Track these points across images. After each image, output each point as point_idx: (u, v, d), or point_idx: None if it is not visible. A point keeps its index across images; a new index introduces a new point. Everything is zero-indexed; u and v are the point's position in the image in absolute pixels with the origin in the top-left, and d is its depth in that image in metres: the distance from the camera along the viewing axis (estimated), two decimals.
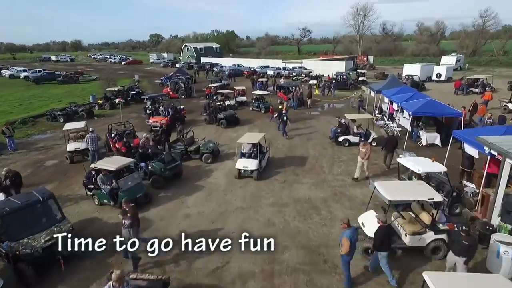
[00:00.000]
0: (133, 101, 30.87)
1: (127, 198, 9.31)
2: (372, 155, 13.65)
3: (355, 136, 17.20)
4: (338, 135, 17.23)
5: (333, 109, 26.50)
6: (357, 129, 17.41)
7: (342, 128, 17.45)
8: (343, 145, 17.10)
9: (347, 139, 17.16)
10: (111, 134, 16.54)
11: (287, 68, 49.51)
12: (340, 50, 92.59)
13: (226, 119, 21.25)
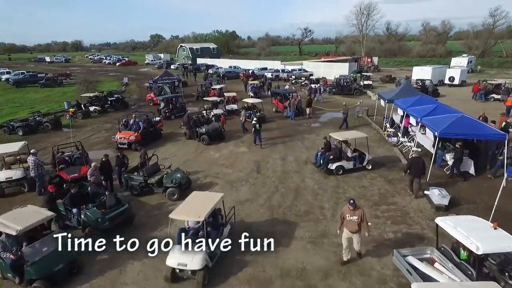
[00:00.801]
0: (112, 108, 27.28)
1: (38, 275, 5.82)
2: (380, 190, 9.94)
3: (349, 161, 13.59)
4: (330, 161, 13.40)
5: (337, 120, 22.76)
6: (351, 152, 13.85)
7: (333, 152, 13.66)
8: (335, 173, 13.32)
9: (341, 166, 13.41)
10: (55, 160, 12.89)
11: (286, 70, 45.75)
12: (343, 50, 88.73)
13: (209, 134, 17.60)
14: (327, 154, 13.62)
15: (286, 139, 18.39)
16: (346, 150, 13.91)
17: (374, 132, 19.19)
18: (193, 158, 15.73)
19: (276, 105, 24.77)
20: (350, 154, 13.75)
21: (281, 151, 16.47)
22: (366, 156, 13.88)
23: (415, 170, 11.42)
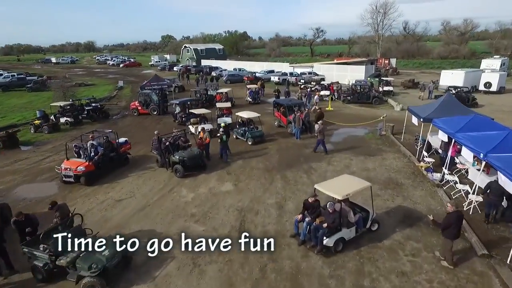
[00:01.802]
0: (89, 119, 23.13)
1: None
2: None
3: (350, 228, 8.48)
4: (324, 234, 8.01)
5: (355, 139, 17.92)
6: (353, 212, 8.75)
7: (329, 218, 8.15)
8: (334, 251, 8.17)
9: (342, 239, 8.27)
10: None
11: (295, 73, 40.93)
12: (356, 51, 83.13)
13: (184, 164, 13.08)
14: (318, 221, 8.12)
15: (287, 169, 13.71)
16: (347, 212, 8.62)
17: (404, 161, 14.30)
18: (155, 202, 11.23)
19: (279, 119, 20.08)
20: (353, 217, 8.60)
21: (278, 190, 11.81)
22: (370, 213, 8.97)
23: (453, 230, 7.56)
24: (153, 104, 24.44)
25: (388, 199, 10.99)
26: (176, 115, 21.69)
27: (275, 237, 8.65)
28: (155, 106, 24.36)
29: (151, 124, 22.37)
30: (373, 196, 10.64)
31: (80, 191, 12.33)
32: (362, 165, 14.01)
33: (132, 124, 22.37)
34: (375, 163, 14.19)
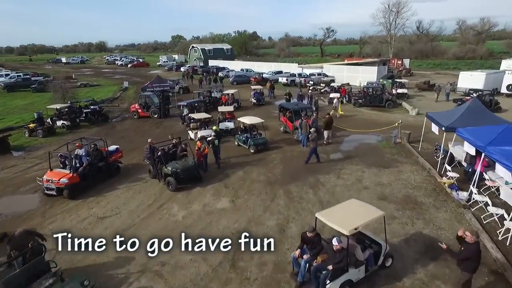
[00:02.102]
0: (87, 121, 22.12)
1: None
2: None
3: (359, 267, 6.82)
4: (327, 277, 6.42)
5: (366, 148, 16.37)
6: (362, 247, 7.15)
7: (334, 258, 6.58)
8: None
9: (349, 281, 6.67)
10: None
11: (304, 74, 39.37)
12: (368, 51, 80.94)
13: (177, 177, 11.79)
14: (320, 260, 6.66)
15: (291, 182, 12.30)
16: (355, 249, 6.87)
17: (423, 175, 12.71)
18: (141, 221, 9.96)
19: (285, 124, 18.65)
20: (361, 254, 6.92)
21: (280, 209, 10.41)
22: (382, 247, 7.38)
23: (475, 263, 6.30)
24: (154, 107, 23.29)
25: (407, 222, 9.48)
26: (184, 117, 20.79)
27: (275, 266, 7.30)
28: (156, 109, 23.22)
29: (150, 128, 21.22)
30: (389, 219, 9.21)
31: (62, 205, 11.16)
32: (375, 178, 12.49)
33: (131, 128, 21.26)
34: (390, 176, 12.65)
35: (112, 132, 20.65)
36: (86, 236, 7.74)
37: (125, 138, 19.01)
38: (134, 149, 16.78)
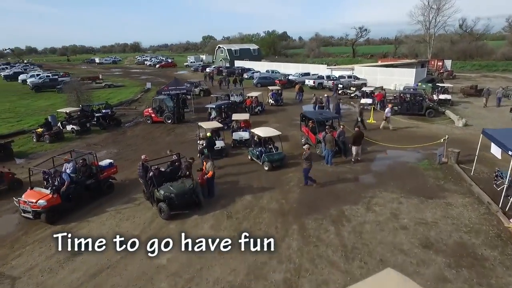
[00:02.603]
0: (98, 126, 20.95)
1: None
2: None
3: None
4: None
5: (400, 166, 13.60)
6: None
7: None
8: None
9: None
10: None
11: (333, 76, 36.46)
12: (403, 52, 75.68)
13: (170, 203, 9.83)
14: None
15: (309, 213, 9.96)
16: None
17: (481, 212, 9.85)
18: (118, 262, 8.04)
19: (307, 136, 16.22)
20: None
21: (291, 255, 8.09)
22: None
23: None
24: (168, 112, 21.70)
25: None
26: (212, 120, 19.62)
27: None
28: (169, 114, 21.60)
29: (161, 135, 19.60)
30: (438, 283, 6.65)
31: (38, 232, 9.58)
32: (416, 213, 9.83)
33: (141, 135, 19.75)
34: (435, 211, 9.93)
35: (121, 138, 19.25)
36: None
37: (131, 147, 17.47)
38: (137, 160, 14.95)
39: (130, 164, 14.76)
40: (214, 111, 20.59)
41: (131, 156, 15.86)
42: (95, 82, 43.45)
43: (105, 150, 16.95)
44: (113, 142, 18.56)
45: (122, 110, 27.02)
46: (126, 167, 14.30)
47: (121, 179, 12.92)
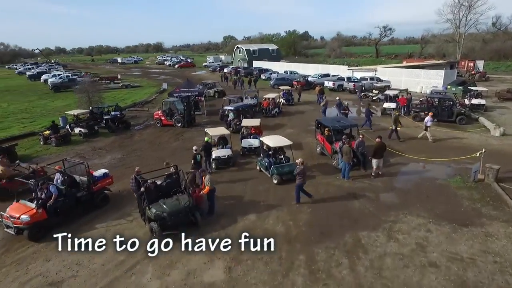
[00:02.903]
0: (107, 129, 20.33)
1: None
2: None
3: None
4: None
5: (428, 183, 11.92)
6: None
7: None
8: None
9: None
10: None
11: (354, 78, 34.55)
12: (430, 51, 71.95)
13: (163, 223, 8.74)
14: None
15: (319, 241, 8.58)
16: None
17: None
18: None
19: (322, 144, 14.77)
20: None
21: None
22: None
23: None
24: (178, 115, 20.79)
25: None
26: (230, 122, 19.29)
27: None
28: (179, 117, 20.69)
29: (169, 140, 18.70)
30: None
31: (19, 251, 8.73)
32: (448, 245, 8.24)
33: (148, 139, 18.91)
34: (472, 243, 8.30)
35: (127, 142, 18.48)
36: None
37: (136, 152, 16.63)
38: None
39: (131, 172, 13.74)
40: (231, 113, 19.72)
41: (134, 163, 14.90)
42: (113, 82, 43.45)
43: (109, 156, 16.18)
44: (119, 146, 17.80)
45: (134, 112, 26.49)
46: (127, 176, 13.27)
47: (119, 189, 12.01)
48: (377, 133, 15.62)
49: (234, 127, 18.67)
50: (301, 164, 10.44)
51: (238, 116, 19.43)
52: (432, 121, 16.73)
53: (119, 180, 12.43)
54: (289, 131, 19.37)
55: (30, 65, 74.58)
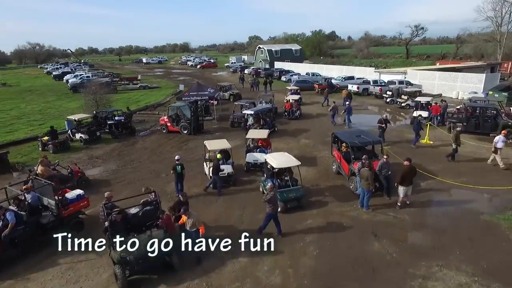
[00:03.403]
0: (111, 135, 19.15)
1: None
2: None
3: None
4: None
5: (470, 218, 9.47)
6: None
7: None
8: None
9: None
10: None
11: (381, 81, 31.67)
12: (466, 52, 66.47)
13: (130, 268, 7.03)
14: None
15: None
16: None
17: None
18: None
19: (338, 162, 12.57)
20: None
21: None
22: None
23: None
24: (184, 121, 19.23)
25: None
26: (249, 127, 17.90)
27: None
28: (185, 124, 19.12)
29: (171, 149, 17.14)
30: None
31: None
32: None
33: (150, 148, 17.46)
34: None
35: (128, 150, 17.12)
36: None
37: (133, 163, 15.18)
38: (130, 183, 12.73)
39: (121, 187, 12.41)
40: (251, 117, 18.66)
41: (127, 177, 13.52)
42: (132, 83, 42.94)
43: (103, 167, 14.83)
44: (118, 155, 16.45)
45: (145, 115, 25.34)
46: (116, 192, 11.85)
47: (100, 211, 10.46)
48: (416, 152, 13.28)
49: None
50: (270, 190, 8.51)
51: (258, 121, 18.15)
52: (505, 141, 12.99)
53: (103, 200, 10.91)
54: (304, 142, 17.27)
55: (60, 64, 76.50)
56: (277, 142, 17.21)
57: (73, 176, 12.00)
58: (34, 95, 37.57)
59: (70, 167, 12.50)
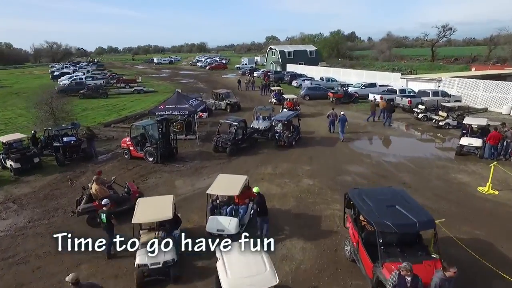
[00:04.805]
0: (57, 161, 14.54)
1: None
2: None
3: None
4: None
5: None
6: None
7: None
8: None
9: None
10: None
11: (409, 90, 25.87)
12: (500, 54, 58.92)
13: None
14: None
15: None
16: None
17: None
18: None
19: (356, 248, 7.27)
20: None
21: None
22: None
23: None
24: (150, 145, 14.36)
25: None
26: (280, 135, 16.06)
27: None
28: (151, 149, 14.24)
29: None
30: None
31: None
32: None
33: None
34: None
35: (63, 189, 12.32)
36: None
37: (57, 213, 10.43)
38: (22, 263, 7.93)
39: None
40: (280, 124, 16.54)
41: (26, 246, 8.74)
42: (129, 86, 38.77)
43: (12, 218, 10.17)
44: (44, 197, 11.70)
45: (119, 129, 20.72)
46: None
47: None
48: (478, 214, 8.02)
49: (286, 140, 15.87)
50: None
51: (288, 128, 16.21)
52: None
53: None
54: (306, 184, 12.02)
55: (71, 64, 73.65)
56: (269, 180, 12.13)
57: (130, 197, 10.02)
58: (18, 99, 33.78)
59: (127, 185, 10.57)
